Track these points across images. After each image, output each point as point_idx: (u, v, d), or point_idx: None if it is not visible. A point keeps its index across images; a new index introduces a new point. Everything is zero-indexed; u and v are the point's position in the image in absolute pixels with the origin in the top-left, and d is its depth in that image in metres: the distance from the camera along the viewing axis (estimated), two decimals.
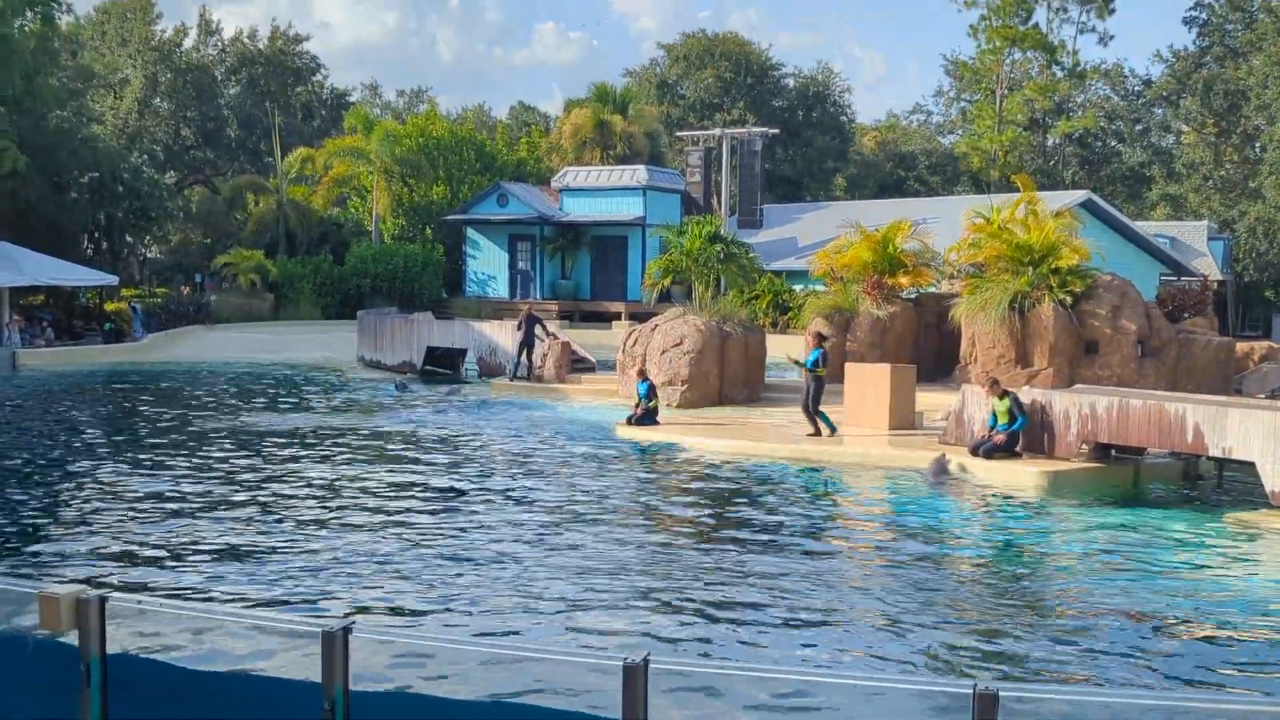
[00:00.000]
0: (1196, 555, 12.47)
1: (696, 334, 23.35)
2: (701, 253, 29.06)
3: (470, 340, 30.20)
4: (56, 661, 5.61)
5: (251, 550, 11.87)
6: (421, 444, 19.07)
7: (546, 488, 15.48)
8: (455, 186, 51.63)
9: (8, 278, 33.75)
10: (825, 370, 19.21)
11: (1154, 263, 42.25)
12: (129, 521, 13.11)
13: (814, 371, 19.05)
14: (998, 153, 60.01)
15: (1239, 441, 14.53)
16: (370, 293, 44.08)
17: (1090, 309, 22.25)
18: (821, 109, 70.20)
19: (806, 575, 11.26)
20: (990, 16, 60.79)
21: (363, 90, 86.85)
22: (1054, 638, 9.55)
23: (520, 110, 77.85)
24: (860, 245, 26.51)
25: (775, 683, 7.17)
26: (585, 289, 46.02)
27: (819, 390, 18.95)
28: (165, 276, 47.54)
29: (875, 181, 70.50)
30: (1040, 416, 16.52)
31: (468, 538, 12.54)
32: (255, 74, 63.32)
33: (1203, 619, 10.19)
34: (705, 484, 16.02)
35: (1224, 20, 58.59)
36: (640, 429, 20.05)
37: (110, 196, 42.97)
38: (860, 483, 16.42)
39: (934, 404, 20.59)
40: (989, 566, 12.03)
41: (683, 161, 48.76)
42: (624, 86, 57.84)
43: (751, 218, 43.58)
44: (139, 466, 16.64)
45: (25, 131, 37.99)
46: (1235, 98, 54.43)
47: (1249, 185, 54.14)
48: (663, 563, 11.63)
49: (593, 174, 46.05)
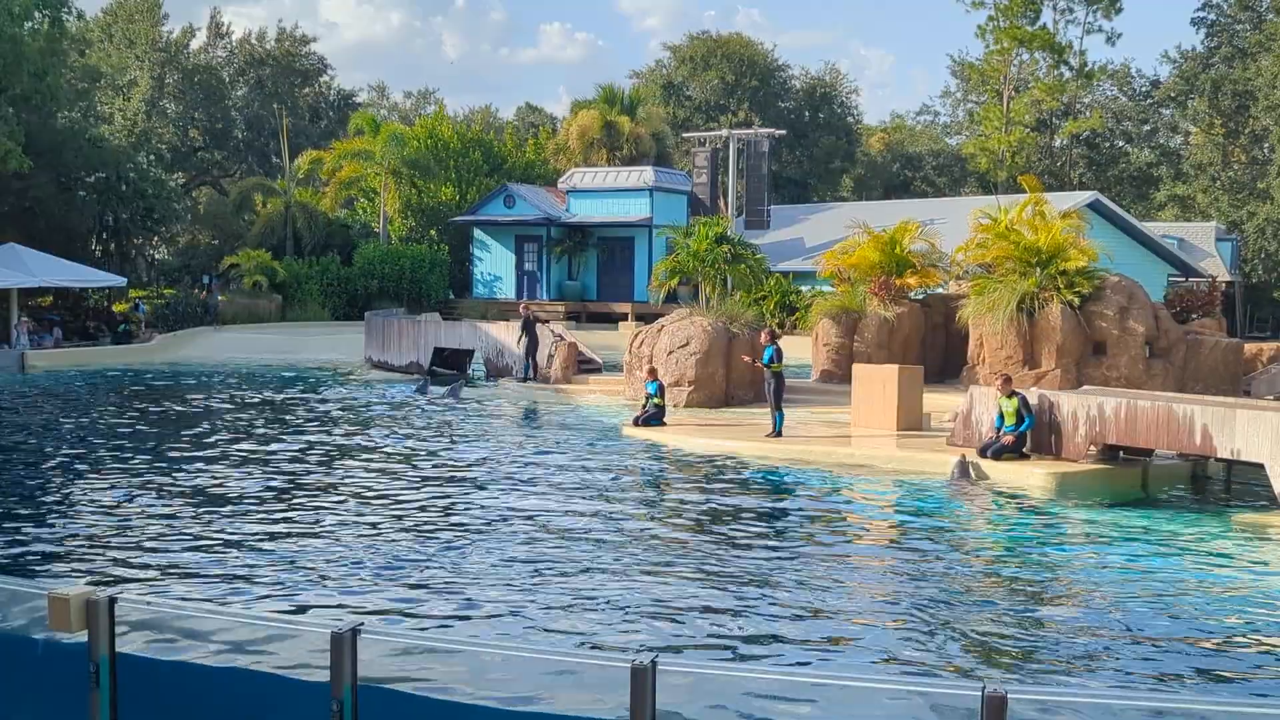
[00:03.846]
0: (1204, 557, 12.44)
1: (703, 335, 23.34)
2: (708, 254, 29.12)
3: (477, 341, 30.22)
4: (66, 662, 5.63)
5: (261, 550, 11.89)
6: (423, 444, 19.08)
7: (552, 488, 15.48)
8: (463, 188, 51.69)
9: (16, 279, 33.84)
10: (781, 366, 19.55)
11: (1162, 264, 42.14)
12: (135, 521, 13.13)
13: (771, 368, 19.29)
14: (1005, 154, 59.91)
15: (1247, 443, 14.49)
16: (378, 294, 44.12)
17: (1098, 310, 22.22)
18: (828, 110, 70.13)
19: (813, 576, 11.25)
20: (997, 17, 60.65)
21: (369, 91, 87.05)
22: (1062, 640, 9.53)
23: (527, 111, 77.90)
24: (867, 246, 26.50)
25: (781, 684, 7.16)
26: (592, 290, 46.03)
27: (779, 387, 19.28)
28: (173, 278, 47.60)
29: (882, 182, 70.41)
30: (1048, 417, 16.49)
31: (474, 538, 12.54)
32: (263, 75, 63.41)
33: (1211, 621, 10.16)
34: (711, 484, 16.02)
35: (1233, 20, 58.43)
36: (647, 429, 20.05)
37: (117, 197, 43.04)
38: (867, 484, 16.40)
39: (941, 405, 20.57)
40: (996, 568, 12.01)
41: (689, 163, 48.71)
42: (631, 88, 57.84)
43: (758, 219, 43.54)
44: (148, 468, 16.66)
45: (33, 131, 38.06)
46: (1244, 98, 54.26)
47: (1257, 186, 53.99)
48: (669, 563, 11.62)
49: (599, 175, 46.07)
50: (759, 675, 6.78)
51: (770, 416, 19.18)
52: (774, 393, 19.16)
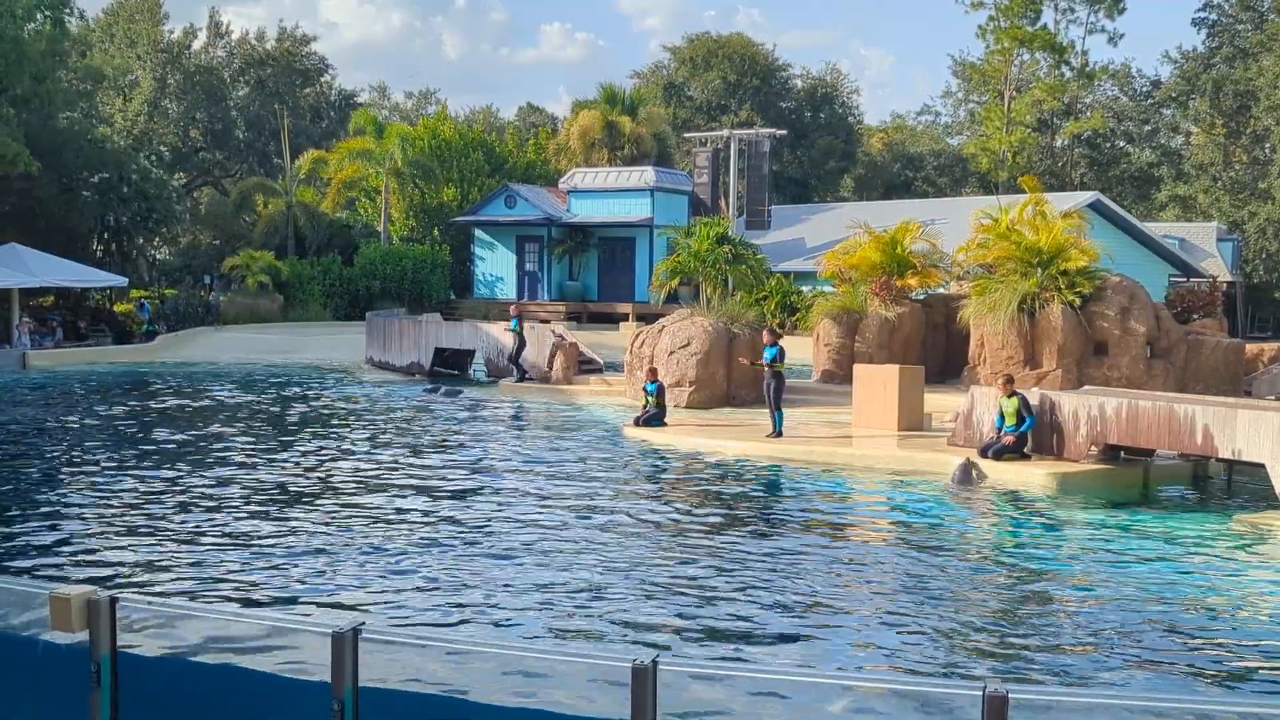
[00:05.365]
0: (1206, 557, 12.43)
1: (704, 335, 23.34)
2: (709, 254, 29.10)
3: (478, 342, 30.22)
4: (66, 662, 5.63)
5: (262, 550, 11.89)
6: (426, 444, 19.09)
7: (552, 488, 15.47)
8: (465, 189, 51.71)
9: (18, 279, 33.87)
10: (783, 366, 19.51)
11: (1163, 264, 42.13)
12: (136, 521, 13.14)
13: (773, 367, 19.26)
14: (1006, 154, 59.88)
15: (1249, 443, 14.49)
16: (379, 294, 44.13)
17: (1099, 310, 22.21)
18: (829, 110, 70.11)
19: (813, 576, 11.25)
20: (998, 17, 60.62)
21: (370, 91, 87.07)
22: (1063, 640, 9.54)
23: (528, 111, 77.90)
24: (868, 246, 26.49)
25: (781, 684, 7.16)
26: (593, 290, 46.04)
27: (779, 387, 19.23)
28: (174, 278, 47.63)
29: (883, 182, 70.37)
30: (1049, 418, 16.49)
31: (475, 538, 12.55)
32: (263, 75, 63.40)
33: (1212, 621, 10.16)
34: (712, 485, 16.02)
35: (1234, 21, 58.39)
36: (648, 430, 20.05)
37: (118, 198, 43.07)
38: (869, 484, 16.40)
39: (942, 405, 20.57)
40: (997, 568, 12.01)
41: (690, 163, 48.67)
42: (632, 88, 57.83)
43: (759, 219, 43.51)
44: (151, 468, 16.67)
45: (34, 132, 38.09)
46: (1245, 98, 54.23)
47: (1258, 186, 53.96)
48: (669, 564, 11.62)
49: (600, 175, 46.08)
50: (759, 675, 6.78)
51: (770, 417, 19.18)
52: (774, 393, 19.15)
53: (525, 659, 6.26)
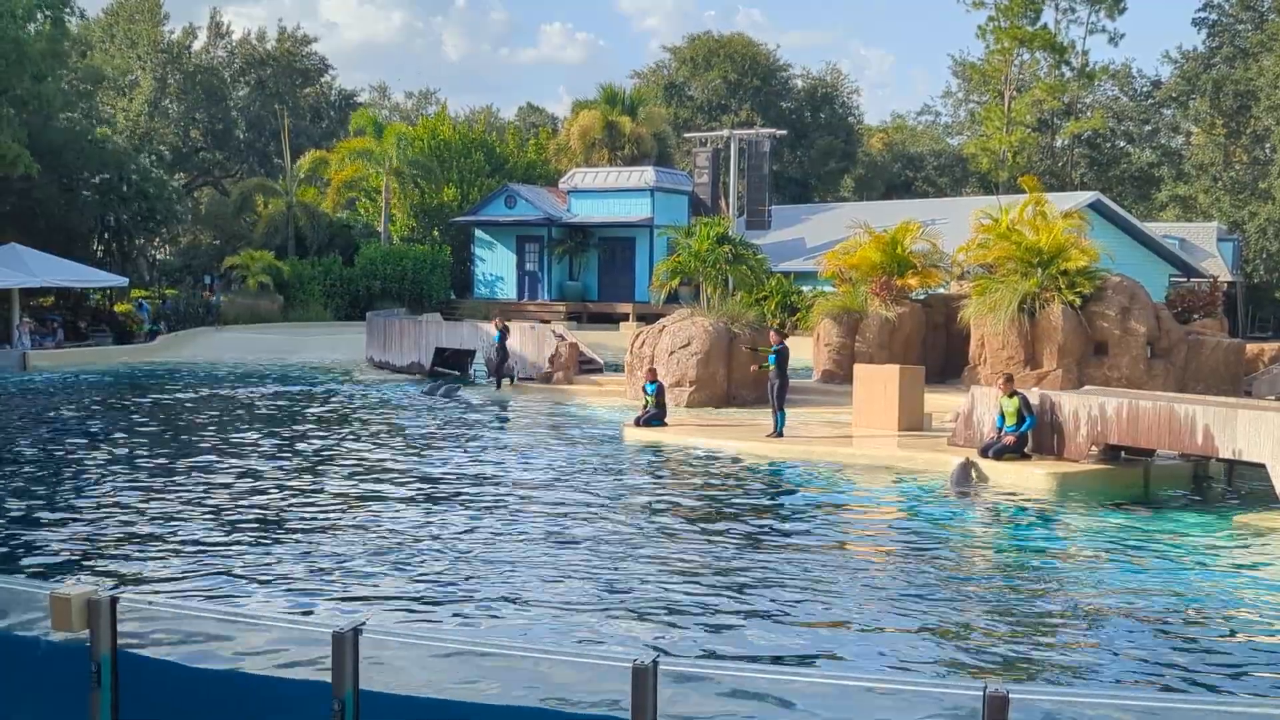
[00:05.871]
0: (1206, 557, 12.43)
1: (704, 335, 23.35)
2: (709, 254, 29.09)
3: (478, 342, 30.22)
4: (66, 662, 5.63)
5: (261, 549, 11.89)
6: (425, 444, 19.09)
7: (553, 488, 15.48)
8: (465, 189, 51.72)
9: (18, 279, 33.87)
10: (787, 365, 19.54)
11: (1163, 264, 42.12)
12: (137, 521, 13.14)
13: (775, 368, 19.27)
14: (1006, 154, 59.87)
15: (1249, 443, 14.49)
16: (380, 294, 44.14)
17: (1099, 310, 22.22)
18: (830, 110, 70.10)
19: (813, 576, 11.24)
20: (998, 17, 60.61)
21: (371, 92, 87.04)
22: (1063, 640, 9.53)
23: (528, 111, 77.90)
24: (869, 246, 26.51)
25: (782, 684, 7.16)
26: (593, 290, 46.04)
27: (783, 386, 19.20)
28: (175, 278, 47.63)
29: (883, 182, 70.35)
30: (1049, 417, 16.49)
31: (475, 538, 12.55)
32: (264, 75, 63.41)
33: (1212, 621, 10.16)
34: (712, 485, 16.02)
35: (1234, 21, 58.38)
36: (648, 430, 20.05)
37: (119, 198, 43.09)
38: (869, 484, 16.40)
39: (943, 405, 20.57)
40: (997, 568, 12.01)
41: (690, 163, 48.67)
42: (632, 88, 57.83)
43: (759, 219, 43.50)
44: (150, 467, 16.68)
45: (34, 133, 38.10)
46: (1245, 98, 54.23)
47: (1259, 186, 53.96)
48: (670, 564, 11.62)
49: (600, 175, 46.08)
50: (759, 675, 6.79)
51: (771, 416, 19.17)
52: (777, 392, 19.13)
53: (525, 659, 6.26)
